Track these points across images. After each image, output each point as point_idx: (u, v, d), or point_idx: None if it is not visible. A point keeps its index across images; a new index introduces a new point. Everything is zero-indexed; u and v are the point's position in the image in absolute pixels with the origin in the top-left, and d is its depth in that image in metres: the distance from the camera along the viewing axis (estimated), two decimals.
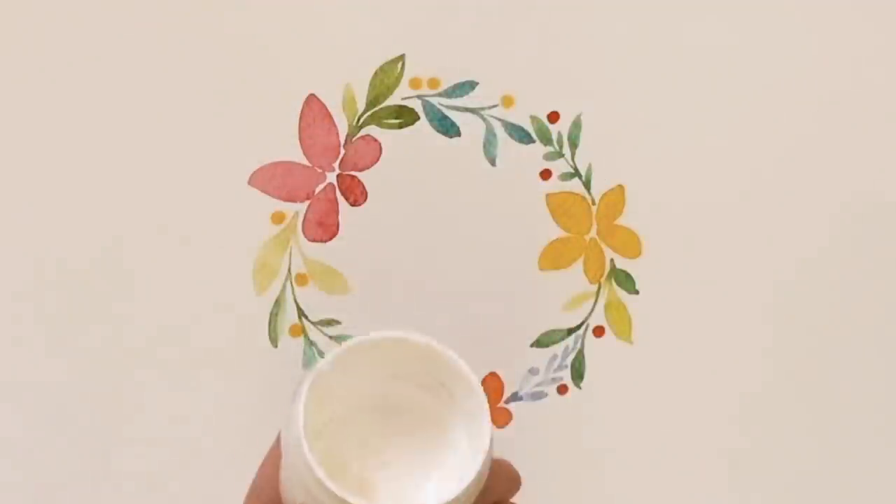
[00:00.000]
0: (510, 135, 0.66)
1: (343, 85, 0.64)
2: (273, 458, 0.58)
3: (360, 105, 0.65)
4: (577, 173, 0.66)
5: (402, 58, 0.65)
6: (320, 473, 0.51)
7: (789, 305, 0.68)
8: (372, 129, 0.65)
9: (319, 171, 0.65)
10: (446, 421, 0.55)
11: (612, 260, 0.67)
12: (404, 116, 0.65)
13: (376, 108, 0.65)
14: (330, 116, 0.64)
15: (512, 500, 0.56)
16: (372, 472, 0.55)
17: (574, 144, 0.66)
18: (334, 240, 0.65)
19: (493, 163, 0.66)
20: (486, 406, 0.53)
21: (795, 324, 0.68)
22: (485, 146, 0.66)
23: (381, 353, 0.53)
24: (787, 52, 0.67)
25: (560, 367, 0.67)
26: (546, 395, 0.67)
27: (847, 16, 0.67)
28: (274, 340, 0.65)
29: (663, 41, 0.66)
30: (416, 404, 0.55)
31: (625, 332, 0.68)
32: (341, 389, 0.53)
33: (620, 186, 0.67)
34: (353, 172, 0.65)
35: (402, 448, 0.55)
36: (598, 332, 0.67)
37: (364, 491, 0.52)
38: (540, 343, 0.67)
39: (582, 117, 0.66)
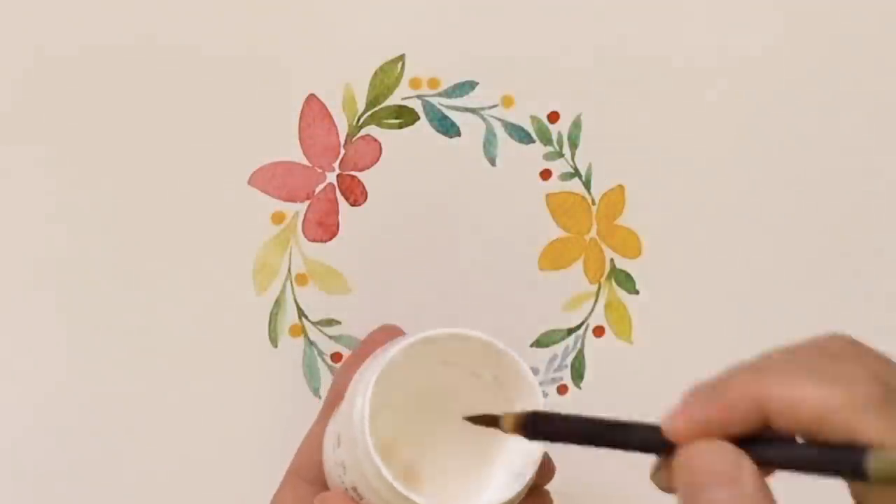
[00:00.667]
0: (510, 135, 0.66)
1: (343, 85, 0.64)
2: (314, 437, 0.58)
3: (360, 105, 0.65)
4: (577, 173, 0.66)
5: (402, 58, 0.65)
6: (381, 466, 0.51)
7: (791, 305, 0.68)
8: (372, 129, 0.65)
9: (319, 171, 0.65)
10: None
11: (612, 260, 0.67)
12: (404, 116, 0.65)
13: (376, 108, 0.65)
14: (330, 116, 0.64)
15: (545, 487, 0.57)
16: (418, 458, 0.55)
17: (574, 144, 0.66)
18: (334, 240, 0.65)
19: (493, 163, 0.66)
20: (542, 404, 0.53)
21: (797, 324, 0.68)
22: (485, 146, 0.66)
23: (438, 346, 0.54)
24: (790, 51, 0.67)
25: (560, 367, 0.67)
26: (546, 395, 0.67)
27: (852, 18, 0.67)
28: (274, 340, 0.65)
29: (664, 41, 0.66)
30: (467, 396, 0.56)
31: (625, 332, 0.68)
32: (398, 378, 0.54)
33: (620, 186, 0.67)
34: (353, 172, 0.65)
35: (450, 438, 0.56)
36: (598, 332, 0.67)
37: (409, 478, 0.53)
38: (540, 343, 0.67)
39: (582, 117, 0.66)
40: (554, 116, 0.66)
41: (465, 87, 0.65)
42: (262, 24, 0.64)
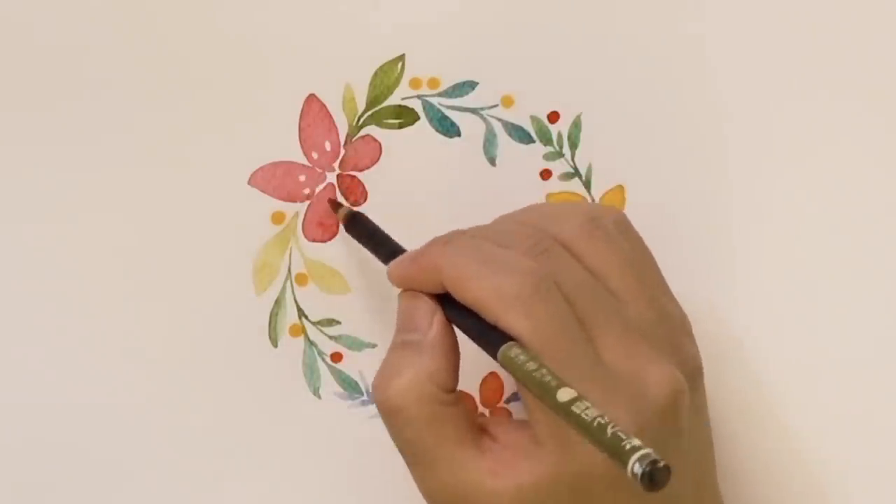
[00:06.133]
0: (510, 135, 0.66)
1: (343, 85, 0.64)
2: None
3: (360, 105, 0.65)
4: (577, 173, 0.66)
5: (402, 58, 0.65)
6: None
7: (791, 305, 0.68)
8: (372, 129, 0.65)
9: (319, 171, 0.65)
10: None
11: None
12: (404, 116, 0.65)
13: (376, 108, 0.65)
14: (330, 116, 0.65)
15: None
16: None
17: (574, 144, 0.66)
18: (334, 240, 0.65)
19: (493, 163, 0.66)
20: None
21: (798, 322, 0.68)
22: (485, 146, 0.66)
23: None
24: (790, 50, 0.67)
25: None
26: None
27: (857, 18, 0.67)
28: (274, 340, 0.65)
29: (663, 41, 0.66)
30: None
31: None
32: None
33: (620, 186, 0.67)
34: (353, 172, 0.65)
35: None
36: None
37: None
38: None
39: (582, 117, 0.66)
40: (554, 116, 0.66)
41: (465, 87, 0.65)
42: (262, 24, 0.64)
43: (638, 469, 0.44)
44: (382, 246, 0.61)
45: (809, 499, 0.68)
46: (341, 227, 0.64)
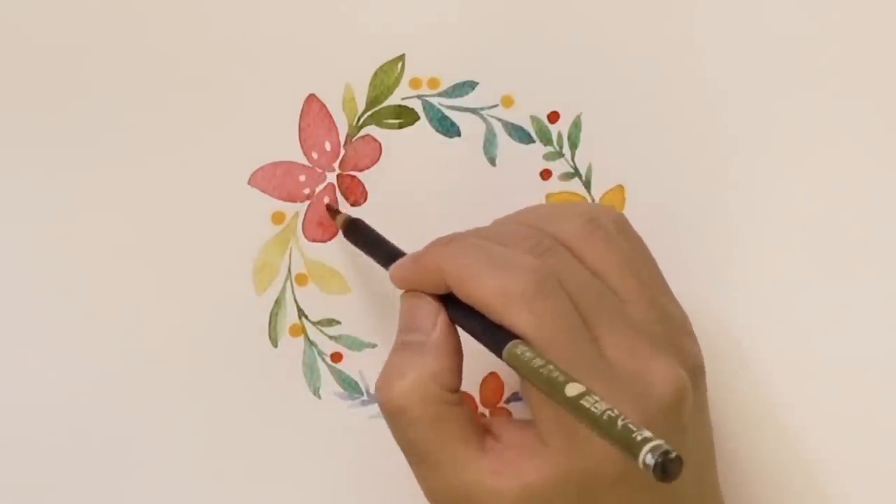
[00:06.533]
0: (510, 135, 0.66)
1: (343, 85, 0.64)
2: None
3: (360, 105, 0.65)
4: (577, 173, 0.66)
5: (402, 58, 0.65)
6: None
7: (790, 305, 0.68)
8: (372, 129, 0.65)
9: (319, 171, 0.65)
10: None
11: None
12: (404, 116, 0.65)
13: (376, 108, 0.65)
14: (330, 116, 0.65)
15: None
16: None
17: (574, 144, 0.66)
18: (334, 240, 0.65)
19: (493, 163, 0.66)
20: None
21: (797, 322, 0.68)
22: (485, 146, 0.66)
23: None
24: (790, 50, 0.67)
25: None
26: None
27: (857, 18, 0.68)
28: (274, 340, 0.65)
29: (664, 41, 0.66)
30: None
31: None
32: None
33: (620, 186, 0.67)
34: (353, 172, 0.65)
35: None
36: None
37: None
38: None
39: (582, 117, 0.66)
40: (554, 116, 0.66)
41: (465, 87, 0.65)
42: (262, 24, 0.64)
43: (650, 460, 0.44)
44: (382, 250, 0.61)
45: (809, 499, 0.68)
46: None
